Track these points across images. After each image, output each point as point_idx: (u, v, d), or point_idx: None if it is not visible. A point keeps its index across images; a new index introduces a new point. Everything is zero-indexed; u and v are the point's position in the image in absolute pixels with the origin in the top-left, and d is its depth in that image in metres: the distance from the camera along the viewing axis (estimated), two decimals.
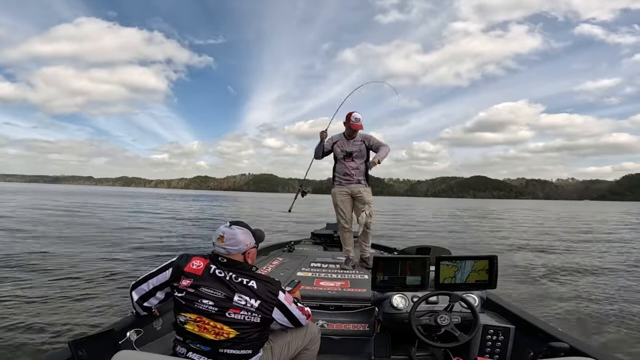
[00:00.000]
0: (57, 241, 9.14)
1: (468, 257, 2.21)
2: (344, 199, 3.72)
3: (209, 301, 1.57)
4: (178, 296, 1.62)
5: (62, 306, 4.24)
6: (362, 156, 3.73)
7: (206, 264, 1.67)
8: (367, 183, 3.75)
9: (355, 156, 3.71)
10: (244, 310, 1.58)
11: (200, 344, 1.56)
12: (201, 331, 1.56)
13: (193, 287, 1.60)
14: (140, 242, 9.73)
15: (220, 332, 1.55)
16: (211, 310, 1.56)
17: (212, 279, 1.62)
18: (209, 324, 1.55)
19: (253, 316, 1.59)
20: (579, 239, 13.60)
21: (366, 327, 2.39)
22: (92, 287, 5.15)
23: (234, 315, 1.56)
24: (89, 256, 7.38)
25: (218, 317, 1.55)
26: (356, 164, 3.72)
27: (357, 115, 3.63)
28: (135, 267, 6.69)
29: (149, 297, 1.77)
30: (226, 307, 1.56)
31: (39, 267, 6.18)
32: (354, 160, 3.71)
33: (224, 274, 1.63)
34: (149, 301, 1.78)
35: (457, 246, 10.96)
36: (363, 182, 3.73)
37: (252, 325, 1.60)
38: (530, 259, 8.90)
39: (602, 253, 10.01)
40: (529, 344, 1.97)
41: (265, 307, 1.62)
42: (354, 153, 3.70)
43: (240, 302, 1.58)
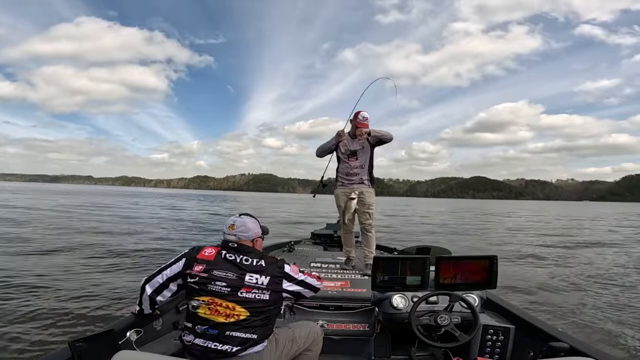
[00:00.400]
0: (56, 241, 9.11)
1: (468, 257, 2.21)
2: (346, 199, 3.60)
3: (221, 282, 1.65)
4: (191, 282, 1.69)
5: (62, 306, 4.23)
6: (365, 154, 3.61)
7: (217, 250, 1.76)
8: (370, 184, 3.64)
9: (359, 154, 3.60)
10: (255, 289, 1.67)
11: (209, 327, 1.61)
12: (212, 314, 1.61)
13: (206, 272, 1.68)
14: (140, 242, 9.69)
15: (231, 313, 1.61)
16: (224, 291, 1.64)
17: (224, 263, 1.71)
18: (221, 304, 1.62)
19: (263, 293, 1.68)
20: (578, 240, 13.60)
21: (366, 327, 2.40)
22: (92, 287, 5.15)
23: (246, 294, 1.65)
24: (88, 256, 7.38)
25: (230, 297, 1.63)
26: (360, 162, 3.61)
27: (364, 114, 3.48)
28: (135, 267, 6.69)
29: (162, 290, 1.81)
30: (238, 287, 1.65)
31: (38, 267, 6.17)
32: (357, 158, 3.61)
33: (234, 257, 1.73)
34: (162, 294, 1.82)
35: (457, 246, 10.97)
36: (366, 182, 3.62)
37: (262, 304, 1.67)
38: (530, 259, 8.91)
39: (602, 254, 10.01)
40: (529, 344, 1.97)
41: (274, 282, 1.72)
42: (358, 151, 3.59)
43: (251, 281, 1.67)
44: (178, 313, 2.31)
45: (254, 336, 1.64)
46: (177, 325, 2.23)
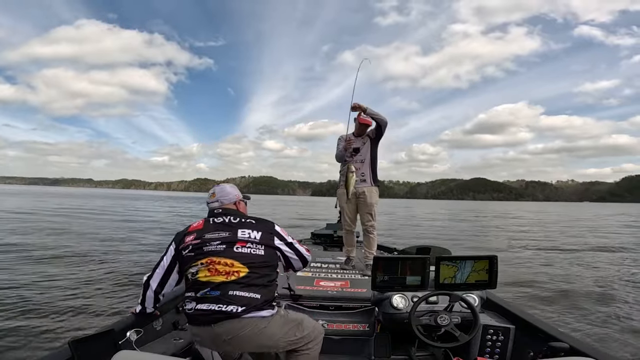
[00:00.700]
0: (56, 242, 9.12)
1: (468, 257, 2.21)
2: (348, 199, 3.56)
3: (216, 241, 1.66)
4: (186, 252, 1.68)
5: (62, 306, 4.24)
6: (366, 149, 3.55)
7: (204, 220, 1.79)
8: (373, 182, 3.55)
9: (360, 150, 3.55)
10: (249, 243, 1.67)
11: (210, 289, 1.57)
12: (212, 275, 1.59)
13: (198, 238, 1.69)
14: (140, 243, 9.71)
15: (231, 270, 1.59)
16: (220, 249, 1.64)
17: (214, 226, 1.73)
18: (220, 263, 1.60)
19: (258, 248, 1.68)
20: (579, 241, 13.58)
21: (366, 327, 2.39)
22: (91, 287, 5.16)
23: (241, 249, 1.65)
24: (88, 257, 7.39)
25: (227, 253, 1.62)
26: (361, 157, 3.55)
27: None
28: (135, 267, 6.69)
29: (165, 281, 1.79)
30: (233, 242, 1.66)
31: (38, 268, 6.18)
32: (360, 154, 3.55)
33: (222, 219, 1.76)
34: (167, 285, 1.80)
35: (457, 246, 10.96)
36: (368, 180, 3.54)
37: (259, 260, 1.66)
38: (530, 259, 8.90)
39: (602, 254, 10.00)
40: (529, 344, 1.97)
41: (266, 237, 1.73)
42: (361, 148, 3.54)
43: (244, 235, 1.69)
44: (178, 313, 2.31)
45: (257, 296, 1.58)
46: (177, 325, 2.23)
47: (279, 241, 1.78)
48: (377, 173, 3.61)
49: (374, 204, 3.53)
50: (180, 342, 2.05)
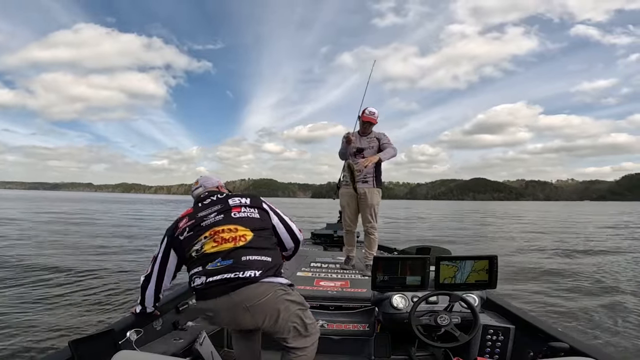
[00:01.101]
0: (56, 244, 9.14)
1: (468, 257, 2.20)
2: (350, 199, 3.59)
3: (212, 214, 1.67)
4: (183, 235, 1.65)
5: (62, 306, 4.25)
6: (372, 152, 3.50)
7: (192, 207, 1.80)
8: (375, 183, 3.53)
9: (366, 153, 3.49)
10: (243, 207, 1.70)
11: (221, 259, 1.52)
12: (220, 244, 1.56)
13: (192, 219, 1.68)
14: (140, 244, 9.72)
15: (236, 236, 1.58)
16: (219, 219, 1.64)
17: (203, 205, 1.74)
18: (223, 231, 1.59)
19: (252, 212, 1.70)
20: (580, 240, 13.57)
21: (366, 327, 2.39)
22: (92, 287, 5.16)
23: (239, 214, 1.66)
24: (88, 258, 7.40)
25: (227, 219, 1.63)
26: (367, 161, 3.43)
27: (371, 109, 3.51)
28: (134, 267, 6.70)
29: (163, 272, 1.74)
30: (228, 210, 1.67)
31: (38, 268, 6.19)
32: (364, 157, 3.48)
33: (210, 199, 1.77)
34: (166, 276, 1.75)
35: (457, 246, 10.96)
36: (370, 181, 3.50)
37: (258, 223, 1.67)
38: (530, 259, 8.90)
39: (603, 254, 9.99)
40: (529, 344, 1.96)
41: (256, 202, 1.76)
42: (365, 150, 3.50)
43: (235, 202, 1.71)
44: (178, 313, 2.31)
45: (268, 259, 1.57)
46: (177, 325, 2.23)
47: (269, 209, 1.79)
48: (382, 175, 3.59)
49: (375, 205, 3.52)
50: (180, 342, 2.04)
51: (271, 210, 1.79)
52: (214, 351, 2.05)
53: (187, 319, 2.34)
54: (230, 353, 2.32)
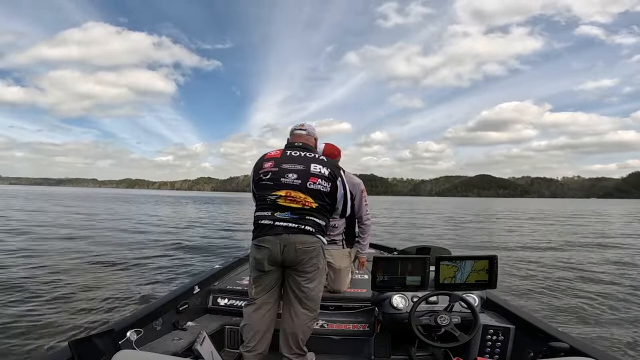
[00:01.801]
0: (55, 242, 9.20)
1: (468, 257, 2.19)
2: None
3: (292, 174, 1.92)
4: (265, 179, 1.95)
5: (62, 306, 4.28)
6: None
7: (282, 150, 2.06)
8: (345, 244, 2.84)
9: None
10: (319, 178, 1.94)
11: (290, 213, 1.89)
12: (292, 203, 1.89)
13: (276, 167, 1.95)
14: (139, 245, 9.73)
15: (305, 202, 1.90)
16: (296, 183, 1.91)
17: (291, 158, 1.99)
18: (297, 196, 1.89)
19: (324, 186, 1.95)
20: (586, 239, 13.47)
21: (366, 327, 2.39)
22: (92, 287, 5.20)
23: (313, 186, 1.92)
24: (87, 257, 7.44)
25: (302, 188, 1.91)
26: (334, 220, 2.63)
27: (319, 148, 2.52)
28: (134, 266, 6.75)
29: None
30: (307, 177, 1.92)
31: (38, 268, 6.23)
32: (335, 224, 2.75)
33: (298, 154, 2.01)
34: None
35: (457, 246, 10.92)
36: (340, 242, 2.82)
37: (325, 196, 1.96)
38: (530, 259, 8.85)
39: (604, 255, 9.92)
40: (529, 344, 1.96)
41: (333, 175, 1.99)
42: None
43: (316, 170, 1.95)
44: (178, 313, 2.33)
45: (323, 223, 1.97)
46: (177, 325, 2.24)
47: (340, 184, 2.02)
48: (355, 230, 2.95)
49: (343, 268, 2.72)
50: (180, 342, 2.05)
51: (342, 186, 2.03)
52: (214, 351, 2.06)
53: (187, 319, 2.36)
54: (231, 353, 2.33)
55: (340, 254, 2.78)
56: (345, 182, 2.07)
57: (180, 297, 2.39)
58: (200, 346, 2.00)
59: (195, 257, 8.18)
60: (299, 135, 2.14)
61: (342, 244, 2.84)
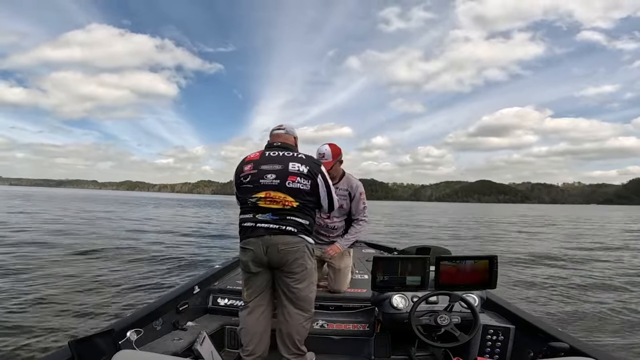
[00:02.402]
0: (55, 243, 9.18)
1: (468, 257, 2.20)
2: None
3: (271, 175, 1.94)
4: (245, 182, 1.97)
5: (62, 306, 4.27)
6: (343, 211, 2.79)
7: (261, 152, 2.07)
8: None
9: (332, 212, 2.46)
10: (298, 177, 1.94)
11: (271, 214, 1.90)
12: (271, 204, 1.90)
13: (255, 168, 1.98)
14: (139, 245, 9.72)
15: (285, 202, 1.91)
16: (275, 183, 1.92)
17: (269, 159, 2.00)
18: (276, 196, 1.91)
19: (304, 184, 1.95)
20: (585, 242, 13.45)
21: (366, 327, 2.39)
22: (92, 287, 5.19)
23: (292, 184, 1.92)
24: (87, 257, 7.44)
25: (281, 187, 1.91)
26: (333, 222, 2.80)
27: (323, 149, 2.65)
28: (134, 267, 6.74)
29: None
30: (285, 177, 1.93)
31: (37, 268, 6.22)
32: (330, 216, 2.76)
33: (277, 154, 2.02)
34: None
35: (457, 246, 10.91)
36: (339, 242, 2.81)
37: (305, 195, 1.95)
38: (531, 259, 8.84)
39: (604, 256, 9.90)
40: (529, 344, 1.96)
41: (312, 172, 1.98)
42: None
43: (294, 169, 1.95)
44: (178, 313, 2.33)
45: (306, 222, 1.96)
46: (177, 325, 2.24)
47: (321, 180, 2.01)
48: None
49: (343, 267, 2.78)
50: (180, 342, 2.05)
51: (323, 182, 2.02)
52: (214, 351, 2.06)
53: (187, 319, 2.36)
54: (231, 353, 2.32)
55: (340, 254, 2.80)
56: (326, 177, 2.05)
57: (180, 297, 2.39)
58: (200, 346, 2.00)
59: (195, 257, 8.19)
60: (277, 135, 2.15)
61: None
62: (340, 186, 2.74)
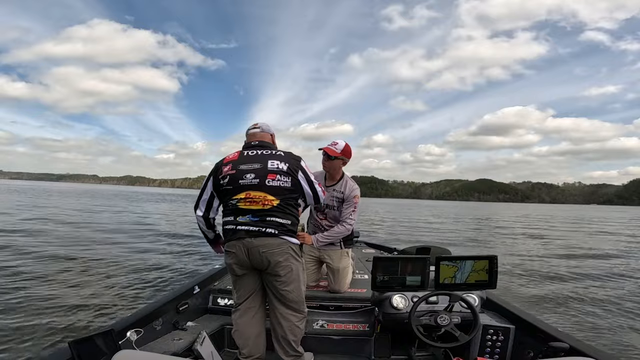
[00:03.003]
0: (54, 241, 9.16)
1: (468, 257, 2.20)
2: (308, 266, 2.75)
3: (250, 174, 1.89)
4: (224, 183, 1.93)
5: (62, 306, 4.26)
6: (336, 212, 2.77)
7: (239, 152, 2.02)
8: (343, 244, 2.83)
9: (327, 211, 2.79)
10: (278, 174, 1.90)
11: (251, 215, 1.87)
12: (251, 204, 1.87)
13: (233, 169, 1.93)
14: (139, 244, 9.69)
15: (265, 201, 1.87)
16: (254, 182, 1.88)
17: (247, 158, 1.96)
18: (256, 195, 1.87)
19: (285, 181, 1.91)
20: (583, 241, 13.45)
21: (366, 327, 2.39)
22: (92, 287, 5.18)
23: (272, 182, 1.88)
24: (87, 257, 7.40)
25: (260, 186, 1.87)
26: (328, 222, 2.81)
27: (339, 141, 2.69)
28: (134, 266, 6.73)
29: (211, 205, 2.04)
30: (264, 175, 1.89)
31: (37, 268, 6.20)
32: (326, 217, 2.81)
33: (255, 152, 1.98)
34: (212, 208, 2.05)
35: (457, 246, 10.91)
36: (337, 242, 2.80)
37: (287, 192, 1.91)
38: (531, 259, 8.84)
39: (605, 255, 9.90)
40: (529, 344, 1.96)
41: (292, 169, 1.94)
42: (327, 208, 2.77)
43: (273, 166, 1.91)
44: (178, 313, 2.33)
45: (287, 222, 1.91)
46: (177, 325, 2.25)
47: (303, 177, 1.98)
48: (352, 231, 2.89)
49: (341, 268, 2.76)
50: (180, 342, 2.06)
51: (304, 178, 2.00)
52: (214, 351, 2.06)
53: (187, 319, 2.36)
54: (231, 353, 2.32)
55: (338, 254, 2.80)
56: (307, 172, 2.01)
57: (180, 297, 2.39)
58: (200, 346, 2.00)
59: (195, 257, 8.17)
60: (253, 135, 2.10)
61: (340, 245, 2.84)
62: (337, 188, 2.74)
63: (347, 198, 2.71)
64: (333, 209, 2.77)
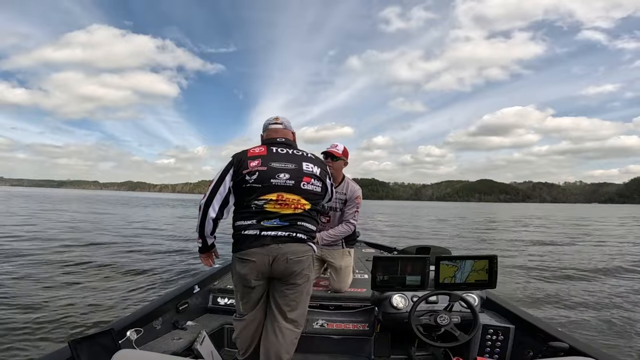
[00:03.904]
0: (55, 242, 9.18)
1: (468, 256, 2.20)
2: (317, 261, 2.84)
3: (284, 174, 1.71)
4: (250, 180, 1.69)
5: (62, 306, 4.27)
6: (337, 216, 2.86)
7: (266, 147, 1.80)
8: (345, 244, 2.91)
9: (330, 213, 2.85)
10: (312, 178, 1.77)
11: (278, 220, 1.68)
12: (282, 207, 1.69)
13: (264, 165, 1.71)
14: (139, 245, 9.71)
15: (298, 205, 1.71)
16: (289, 184, 1.70)
17: (279, 156, 1.76)
18: (289, 198, 1.70)
19: (316, 185, 1.79)
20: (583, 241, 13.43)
21: (366, 326, 2.39)
22: (91, 287, 5.20)
23: (307, 186, 1.74)
24: (87, 257, 7.43)
25: (296, 188, 1.71)
26: (330, 224, 2.87)
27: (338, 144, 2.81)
28: (134, 266, 6.75)
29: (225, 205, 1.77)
30: (300, 177, 1.73)
31: (37, 268, 6.23)
32: (329, 220, 2.87)
33: (285, 151, 1.80)
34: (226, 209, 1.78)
35: (457, 246, 10.89)
36: (339, 242, 2.88)
37: (318, 197, 1.81)
38: (531, 259, 8.83)
39: (605, 255, 9.88)
40: (528, 343, 1.96)
41: (323, 174, 1.83)
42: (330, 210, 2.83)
43: (308, 169, 1.77)
44: (178, 312, 2.33)
45: (313, 227, 1.79)
46: (177, 325, 2.25)
47: (329, 182, 1.90)
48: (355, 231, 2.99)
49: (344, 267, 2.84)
50: (180, 342, 2.06)
51: (331, 184, 1.92)
52: (214, 351, 2.06)
53: (187, 319, 2.36)
54: (231, 352, 2.33)
55: (340, 253, 2.86)
56: (331, 179, 1.94)
57: (180, 297, 2.40)
58: (200, 346, 2.01)
59: (196, 257, 8.15)
60: (275, 130, 1.89)
61: (341, 244, 2.91)
62: (339, 189, 2.78)
63: (349, 199, 2.80)
64: (336, 211, 2.83)
